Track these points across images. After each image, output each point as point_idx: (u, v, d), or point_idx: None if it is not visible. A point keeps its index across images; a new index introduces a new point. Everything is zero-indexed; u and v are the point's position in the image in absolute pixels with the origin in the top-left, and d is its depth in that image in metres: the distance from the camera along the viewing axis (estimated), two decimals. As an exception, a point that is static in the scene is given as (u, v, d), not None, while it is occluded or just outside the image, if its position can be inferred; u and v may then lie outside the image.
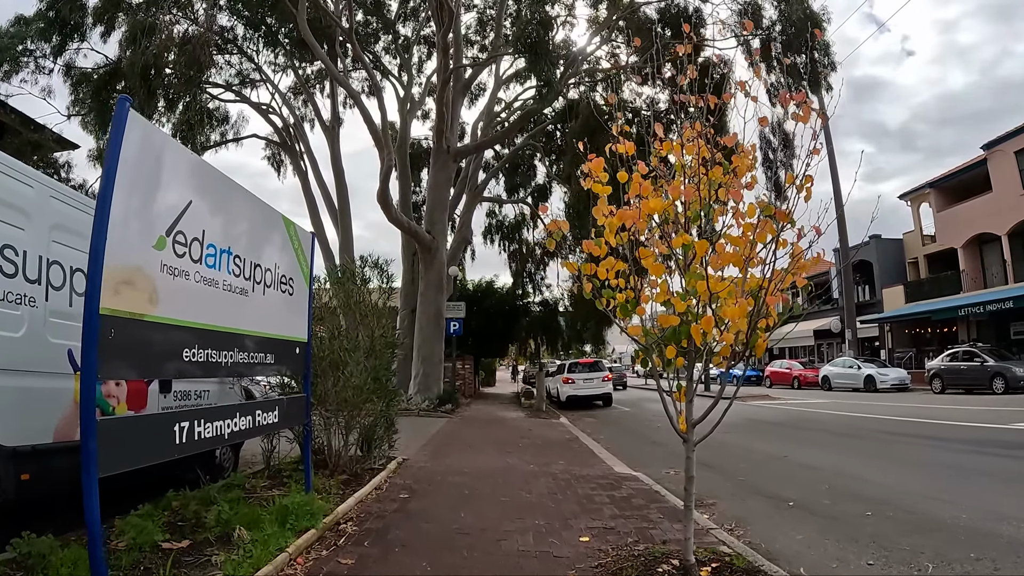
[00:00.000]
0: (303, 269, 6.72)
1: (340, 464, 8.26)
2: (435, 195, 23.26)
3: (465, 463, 10.28)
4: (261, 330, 5.62)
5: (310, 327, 6.80)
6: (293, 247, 6.50)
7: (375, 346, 8.20)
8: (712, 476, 9.77)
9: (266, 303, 5.76)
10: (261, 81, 28.21)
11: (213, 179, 5.06)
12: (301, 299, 6.63)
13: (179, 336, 4.37)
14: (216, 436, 4.79)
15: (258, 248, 5.69)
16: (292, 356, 6.35)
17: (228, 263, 5.08)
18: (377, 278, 8.55)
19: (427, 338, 21.80)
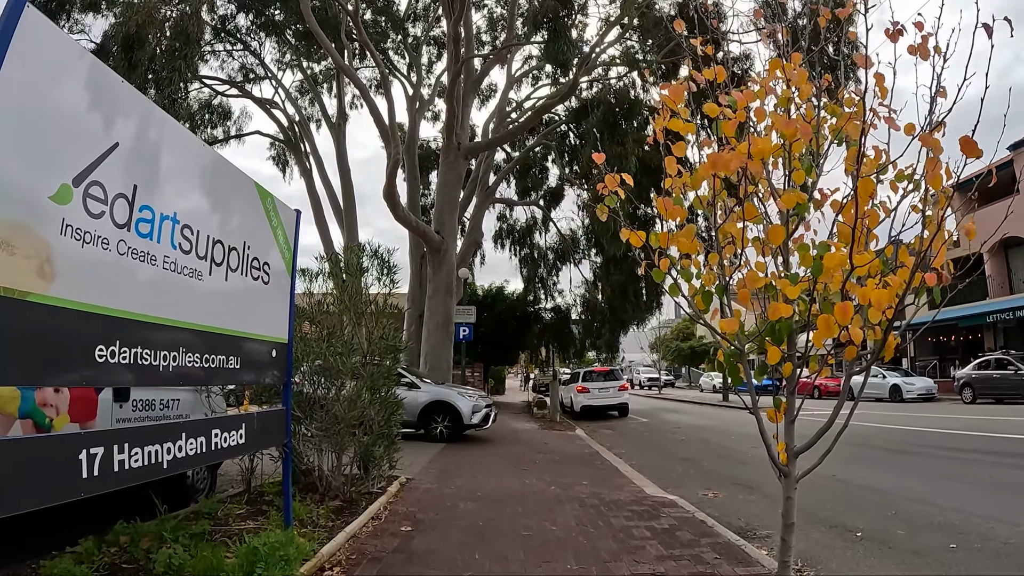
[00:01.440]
0: (284, 253, 5.49)
1: (332, 488, 7.03)
2: (445, 194, 22.03)
3: (477, 484, 9.02)
4: (222, 325, 4.39)
5: (292, 325, 5.55)
6: (270, 224, 5.28)
7: (374, 350, 6.97)
8: (757, 500, 8.69)
9: (230, 291, 4.53)
10: (265, 77, 27.21)
11: (156, 122, 3.86)
12: (280, 290, 5.40)
13: (88, 327, 3.15)
14: (149, 466, 3.56)
15: (219, 220, 4.47)
16: (266, 360, 5.11)
17: (173, 234, 3.85)
18: (377, 269, 7.31)
19: (435, 344, 20.57)
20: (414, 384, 14.66)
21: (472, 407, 14.50)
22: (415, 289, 24.30)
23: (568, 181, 30.60)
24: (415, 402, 14.19)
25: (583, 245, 31.21)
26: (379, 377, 6.81)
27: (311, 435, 6.81)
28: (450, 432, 14.28)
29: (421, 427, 14.30)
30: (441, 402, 14.48)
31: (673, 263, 3.68)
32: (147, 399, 6.49)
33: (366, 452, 7.03)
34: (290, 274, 5.59)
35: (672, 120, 3.59)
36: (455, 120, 21.28)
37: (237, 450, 4.58)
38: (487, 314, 32.43)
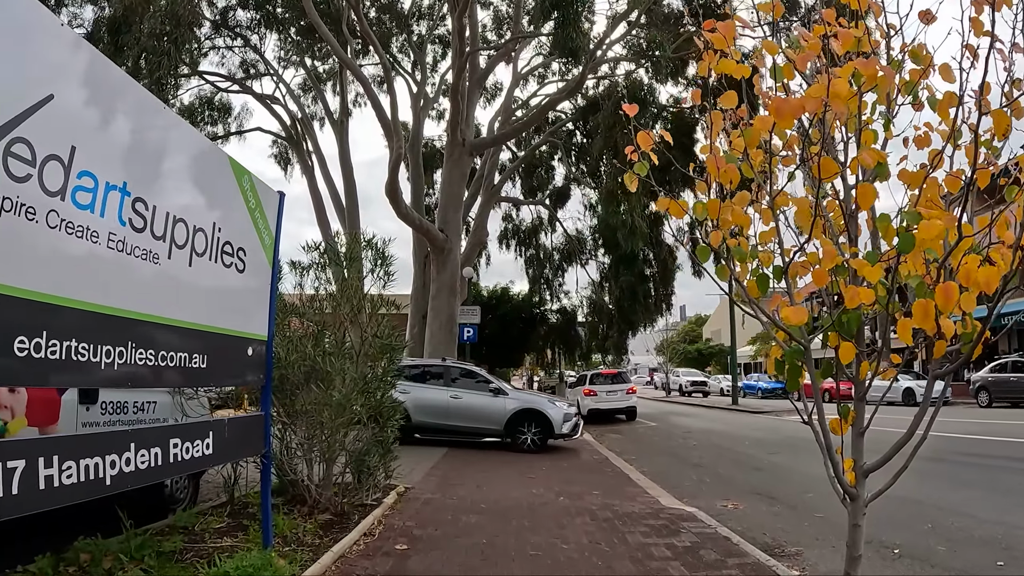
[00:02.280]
0: (264, 239, 4.89)
1: (322, 500, 6.42)
2: (449, 192, 21.43)
3: (481, 494, 8.42)
4: (184, 318, 3.79)
5: (272, 320, 4.95)
6: (247, 206, 4.68)
7: (367, 349, 6.37)
8: (781, 511, 8.08)
9: (194, 279, 3.94)
10: (267, 73, 26.66)
11: (106, 77, 3.28)
12: (258, 280, 4.80)
13: (6, 313, 2.57)
14: (86, 483, 2.97)
15: (182, 195, 3.88)
16: (241, 360, 4.51)
17: (122, 208, 3.26)
18: (372, 260, 6.67)
19: (439, 345, 19.96)
20: (500, 390, 14.20)
21: (563, 415, 13.88)
22: (418, 290, 23.67)
23: (575, 180, 30.08)
24: (502, 410, 13.77)
25: (590, 246, 30.70)
26: (373, 379, 6.18)
27: (297, 443, 6.20)
28: (539, 443, 13.69)
29: (507, 436, 13.80)
30: (531, 410, 13.91)
31: (718, 240, 3.06)
32: (119, 401, 5.91)
33: (358, 462, 6.41)
34: (271, 263, 4.99)
35: (722, 62, 2.99)
36: (460, 116, 20.71)
37: (203, 462, 3.98)
38: (492, 316, 31.90)
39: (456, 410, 13.83)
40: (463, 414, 13.86)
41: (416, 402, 13.68)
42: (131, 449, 3.28)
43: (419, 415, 13.64)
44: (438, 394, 13.97)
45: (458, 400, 13.89)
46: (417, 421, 13.67)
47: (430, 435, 14.10)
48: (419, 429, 13.91)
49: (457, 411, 13.83)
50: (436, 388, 14.15)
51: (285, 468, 6.41)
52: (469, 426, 13.98)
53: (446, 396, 13.92)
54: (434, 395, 13.95)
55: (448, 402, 13.86)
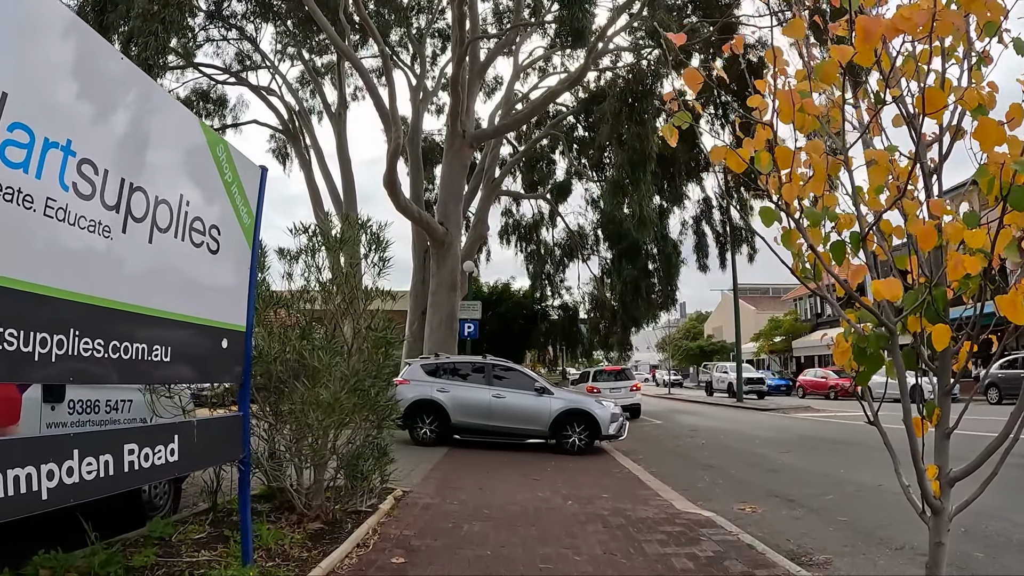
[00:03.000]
0: (241, 217, 4.37)
1: (312, 507, 5.91)
2: (449, 184, 20.90)
3: (484, 498, 7.90)
4: (142, 303, 3.28)
5: (252, 310, 4.43)
6: (222, 178, 4.16)
7: (361, 343, 5.86)
8: (803, 515, 7.60)
9: (156, 258, 3.42)
10: (263, 66, 26.20)
11: (45, 11, 2.76)
12: (235, 263, 4.28)
13: None
14: (15, 498, 2.46)
15: (141, 160, 3.36)
16: (214, 353, 3.99)
17: (64, 169, 2.75)
18: (366, 245, 6.12)
19: (439, 342, 19.44)
20: (545, 389, 13.55)
21: (610, 415, 13.28)
22: (418, 285, 23.21)
23: (577, 174, 29.64)
24: (547, 410, 13.15)
25: (592, 241, 30.27)
26: (367, 376, 5.67)
27: (285, 446, 5.68)
28: (585, 444, 13.07)
29: (553, 437, 13.15)
30: (577, 410, 13.28)
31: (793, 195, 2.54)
32: (89, 400, 5.41)
33: (351, 467, 5.88)
34: (251, 245, 4.46)
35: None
36: (460, 107, 20.18)
37: (166, 470, 3.46)
38: (493, 312, 31.46)
39: (499, 410, 13.21)
40: (506, 414, 13.23)
41: (456, 402, 13.23)
42: (74, 457, 2.76)
43: (459, 415, 13.17)
44: (479, 393, 13.39)
45: (501, 400, 13.28)
46: (456, 422, 13.20)
47: (470, 436, 13.54)
48: (458, 430, 13.39)
49: (500, 411, 13.21)
50: (477, 387, 13.54)
51: (272, 473, 5.89)
52: (512, 427, 13.33)
53: (488, 395, 13.32)
54: (475, 394, 13.39)
55: (490, 402, 13.27)
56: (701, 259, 25.07)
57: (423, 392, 13.35)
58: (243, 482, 4.37)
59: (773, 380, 44.91)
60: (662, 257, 26.25)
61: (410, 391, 13.30)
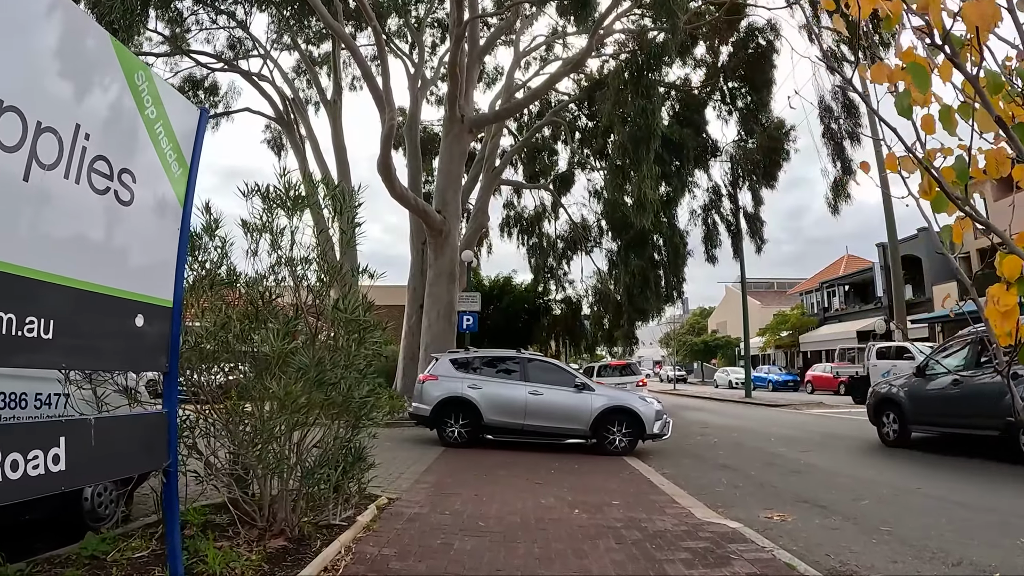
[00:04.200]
0: (169, 167, 3.48)
1: (276, 521, 5.03)
2: (447, 170, 19.98)
3: (480, 506, 7.02)
4: (7, 258, 2.41)
5: (181, 281, 3.54)
6: (142, 114, 3.27)
7: (328, 326, 4.96)
8: (838, 524, 6.75)
9: (35, 201, 2.55)
10: (255, 53, 25.39)
11: None
12: (158, 220, 3.40)
13: None
14: None
15: (17, 73, 2.50)
16: (126, 334, 3.11)
17: None
18: (331, 207, 5.14)
19: (437, 335, 18.55)
20: (586, 386, 12.58)
21: (655, 412, 12.36)
22: (416, 277, 22.38)
23: (579, 165, 28.87)
24: (588, 408, 12.18)
25: (595, 232, 29.47)
26: (334, 368, 4.77)
27: (233, 450, 4.78)
28: (629, 445, 12.12)
29: (593, 437, 12.18)
30: (621, 407, 12.32)
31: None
32: (13, 393, 4.55)
33: (310, 476, 4.93)
34: (183, 202, 3.58)
35: None
36: (458, 91, 19.28)
37: (44, 484, 2.56)
38: (494, 306, 30.68)
39: (536, 409, 12.22)
40: (544, 413, 12.24)
41: (488, 399, 12.27)
42: None
43: (492, 414, 12.22)
44: (514, 390, 12.41)
45: (538, 397, 12.29)
46: (489, 420, 12.25)
47: (503, 437, 12.56)
48: (490, 429, 12.43)
49: (537, 410, 12.22)
50: (512, 383, 12.52)
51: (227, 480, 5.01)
52: (551, 427, 12.32)
53: (524, 392, 12.33)
54: (510, 391, 12.40)
55: (526, 399, 12.28)
56: (709, 249, 24.20)
57: (452, 389, 12.47)
58: (169, 496, 3.49)
59: (779, 375, 44.25)
60: (669, 247, 25.36)
61: (438, 388, 12.48)
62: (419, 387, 13.08)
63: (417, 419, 13.04)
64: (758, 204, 23.41)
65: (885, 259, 40.61)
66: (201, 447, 5.11)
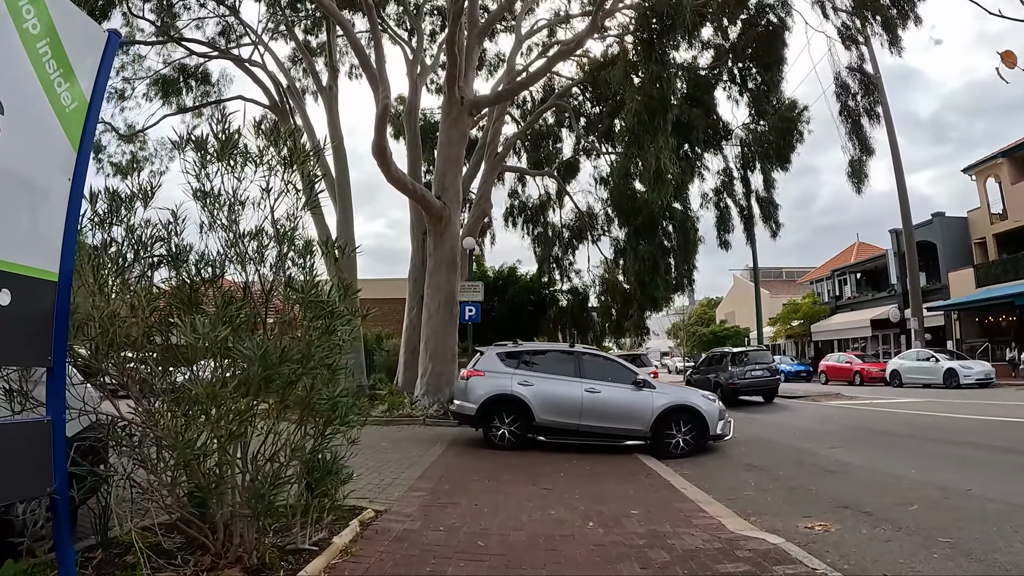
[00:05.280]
0: (58, 98, 2.63)
1: (233, 545, 4.17)
2: (446, 154, 19.03)
3: (480, 520, 6.14)
4: None
5: (71, 250, 2.69)
6: (19, 29, 2.42)
7: (279, 302, 4.06)
8: (890, 534, 5.87)
9: None
10: (249, 42, 24.55)
11: None
12: (35, 164, 2.55)
13: None
14: None
15: None
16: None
17: None
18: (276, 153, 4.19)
19: (437, 327, 17.67)
20: (646, 383, 11.60)
21: (718, 411, 11.50)
22: (417, 268, 21.56)
23: (584, 151, 28.00)
24: (649, 406, 11.23)
25: (602, 221, 28.62)
26: (287, 360, 3.81)
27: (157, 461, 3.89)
28: (690, 446, 11.21)
29: (653, 438, 11.23)
30: (684, 406, 11.41)
31: None
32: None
33: (259, 503, 3.99)
34: (76, 145, 2.71)
35: None
36: (457, 71, 18.31)
37: None
38: (499, 298, 29.83)
39: (592, 408, 11.25)
40: (602, 413, 11.26)
41: (541, 397, 11.32)
42: None
43: (545, 413, 11.27)
44: (569, 388, 11.44)
45: (595, 395, 11.33)
46: (542, 421, 11.28)
47: (556, 438, 11.51)
48: (542, 430, 11.43)
49: (594, 409, 11.24)
50: (566, 380, 11.52)
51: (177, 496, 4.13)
52: (609, 427, 11.33)
53: (579, 390, 11.36)
54: (564, 389, 11.44)
55: (583, 397, 11.31)
56: (721, 234, 23.20)
57: (501, 386, 11.50)
58: (60, 526, 2.63)
59: (792, 366, 43.43)
60: (679, 233, 24.40)
61: (484, 384, 11.55)
62: (462, 384, 12.17)
63: (460, 418, 12.15)
64: (771, 187, 22.46)
65: (899, 245, 39.71)
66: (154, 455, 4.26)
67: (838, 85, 19.86)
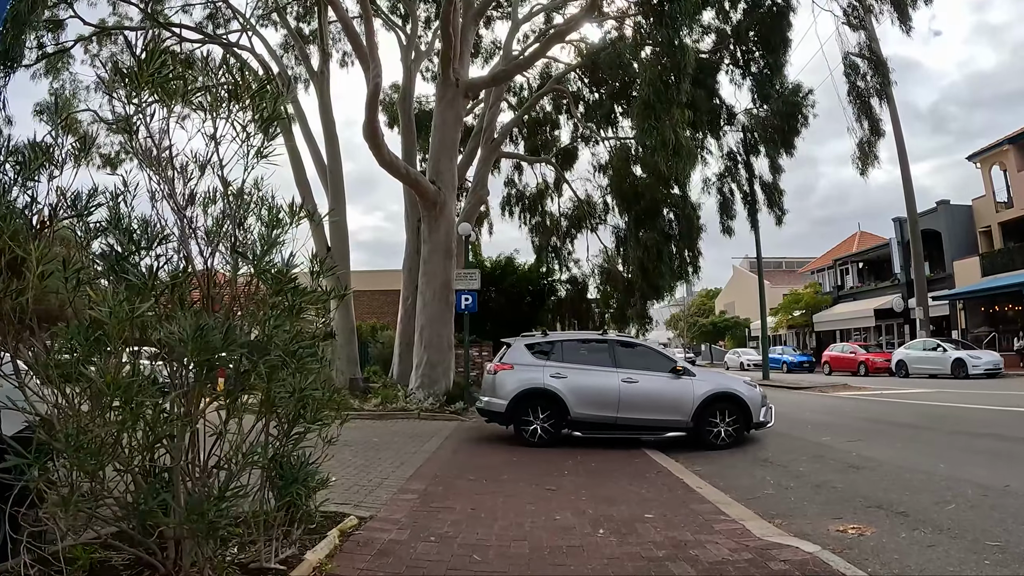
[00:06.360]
0: None
1: (185, 566, 3.50)
2: (441, 137, 18.28)
3: (478, 526, 5.47)
4: None
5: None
6: None
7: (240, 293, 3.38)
8: (936, 540, 5.13)
9: None
10: (237, 28, 23.79)
11: None
12: None
13: None
14: None
15: None
16: None
17: None
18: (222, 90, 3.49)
19: (432, 317, 16.97)
20: (686, 370, 10.92)
21: (760, 398, 10.86)
22: (411, 258, 20.85)
23: (583, 138, 27.41)
24: (690, 395, 10.58)
25: (601, 209, 28.04)
26: (233, 341, 3.09)
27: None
28: (734, 435, 10.59)
29: (694, 428, 10.59)
30: (726, 394, 10.75)
31: None
32: None
33: (199, 522, 3.20)
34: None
35: None
36: (452, 52, 17.58)
37: None
38: (496, 288, 29.24)
39: (630, 399, 10.59)
40: (640, 404, 10.56)
41: (575, 390, 10.62)
42: None
43: (580, 407, 10.57)
44: (605, 378, 10.73)
45: (633, 385, 10.65)
46: (577, 415, 10.58)
47: (592, 433, 10.89)
48: (577, 425, 10.74)
49: (632, 400, 10.55)
50: (601, 370, 10.83)
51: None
52: (648, 419, 10.66)
53: (616, 381, 10.66)
54: (600, 380, 10.73)
55: (620, 388, 10.61)
56: (725, 220, 22.55)
57: (532, 379, 10.79)
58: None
59: (794, 356, 43.00)
60: (682, 219, 23.75)
61: (514, 379, 10.83)
62: (489, 379, 11.41)
63: (488, 416, 11.36)
64: (776, 172, 21.81)
65: (902, 234, 39.08)
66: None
67: (847, 65, 19.23)
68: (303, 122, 23.23)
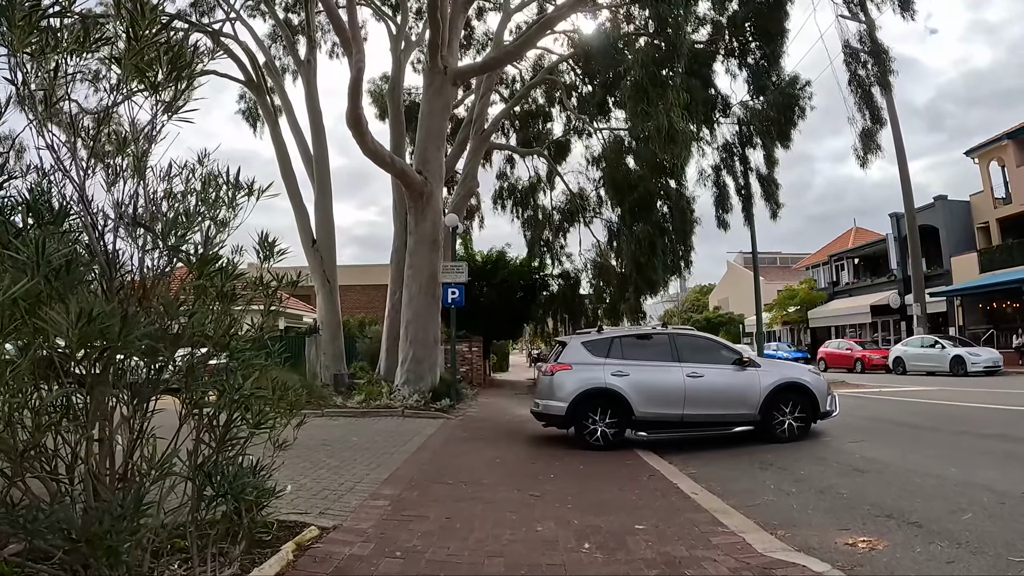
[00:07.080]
0: None
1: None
2: (428, 126, 17.70)
3: (450, 539, 4.94)
4: None
5: None
6: None
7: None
8: (955, 554, 4.60)
9: None
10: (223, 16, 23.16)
11: None
12: None
13: None
14: None
15: None
16: None
17: None
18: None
19: (419, 311, 16.44)
20: (751, 361, 10.46)
21: (825, 386, 10.47)
22: (399, 251, 20.30)
23: (576, 131, 26.96)
24: (756, 387, 10.10)
25: (594, 202, 27.58)
26: (134, 327, 2.60)
27: None
28: (801, 427, 10.19)
29: (762, 422, 10.13)
30: (793, 384, 10.30)
31: None
32: None
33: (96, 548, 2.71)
34: None
35: None
36: (440, 38, 17.03)
37: None
38: (488, 283, 28.87)
39: (696, 395, 10.08)
40: (707, 399, 10.09)
41: (639, 388, 10.03)
42: None
43: (644, 406, 9.98)
44: (668, 374, 10.20)
45: (698, 380, 10.14)
46: (641, 414, 9.98)
47: (658, 433, 10.44)
48: (642, 425, 10.19)
49: (697, 396, 10.09)
50: (664, 365, 10.31)
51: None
52: (715, 414, 10.20)
53: (680, 376, 10.14)
54: (663, 376, 10.19)
55: (684, 384, 10.09)
56: (720, 213, 22.05)
57: (593, 379, 10.15)
58: None
59: (789, 352, 42.66)
60: (676, 212, 23.27)
61: (573, 379, 10.18)
62: (546, 380, 10.79)
63: (545, 419, 10.71)
64: (772, 164, 21.34)
65: (899, 229, 38.75)
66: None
67: (847, 53, 18.74)
68: (290, 114, 22.77)
